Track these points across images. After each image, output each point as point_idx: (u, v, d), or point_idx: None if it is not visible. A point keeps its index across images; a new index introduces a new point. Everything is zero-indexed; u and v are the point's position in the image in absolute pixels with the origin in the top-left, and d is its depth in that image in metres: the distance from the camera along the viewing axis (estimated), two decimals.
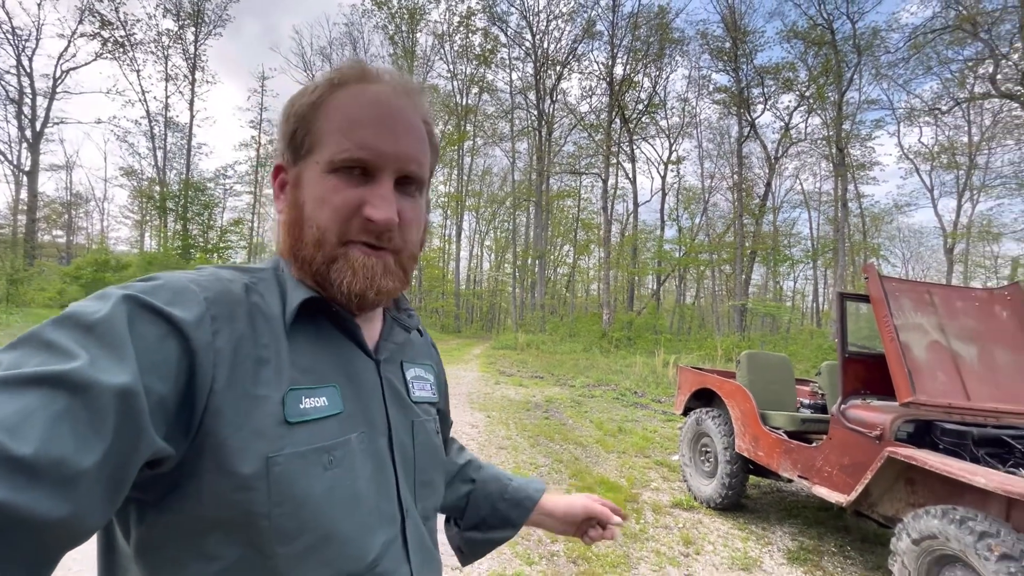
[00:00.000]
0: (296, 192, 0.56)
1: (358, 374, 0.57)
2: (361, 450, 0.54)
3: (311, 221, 0.54)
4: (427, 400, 0.68)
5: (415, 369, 0.68)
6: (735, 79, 23.64)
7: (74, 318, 0.40)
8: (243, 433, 0.45)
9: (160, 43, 27.20)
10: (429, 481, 0.64)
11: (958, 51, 18.38)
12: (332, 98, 0.54)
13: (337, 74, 0.56)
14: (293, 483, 0.47)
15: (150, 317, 0.43)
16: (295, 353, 0.52)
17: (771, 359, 4.24)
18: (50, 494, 0.33)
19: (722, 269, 30.44)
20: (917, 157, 25.64)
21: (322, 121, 0.54)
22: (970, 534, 2.12)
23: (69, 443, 0.34)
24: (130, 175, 31.19)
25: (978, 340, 3.05)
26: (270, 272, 0.57)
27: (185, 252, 24.75)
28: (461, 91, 32.21)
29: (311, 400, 0.51)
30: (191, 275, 0.50)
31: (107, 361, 0.38)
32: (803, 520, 3.98)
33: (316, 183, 0.54)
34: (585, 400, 9.09)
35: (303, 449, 0.48)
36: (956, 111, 22.14)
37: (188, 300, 0.46)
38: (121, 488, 0.38)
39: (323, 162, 0.54)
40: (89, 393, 0.36)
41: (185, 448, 0.44)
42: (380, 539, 0.53)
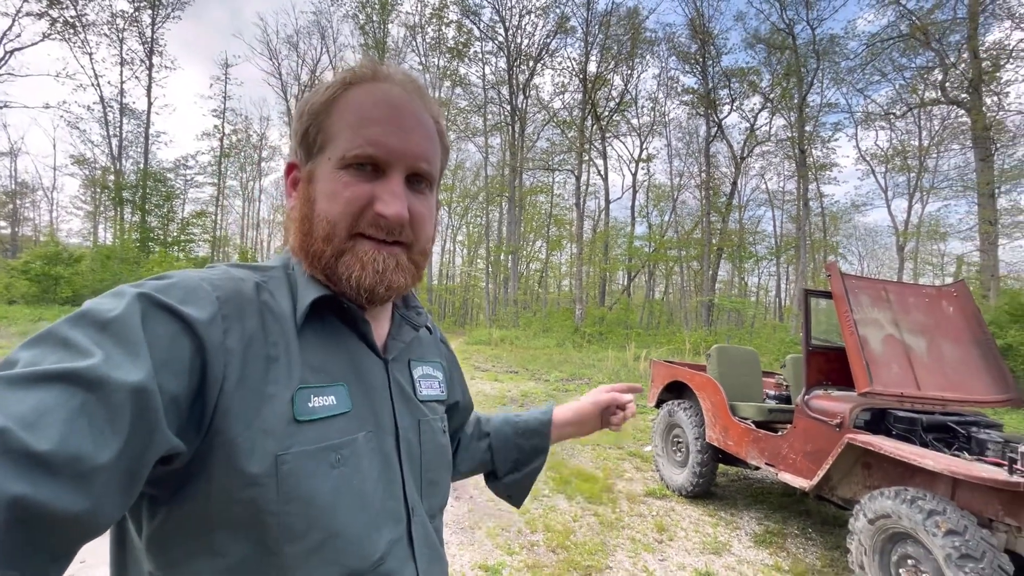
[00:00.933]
0: (308, 188, 0.56)
1: (367, 373, 0.58)
2: (368, 449, 0.55)
3: (322, 215, 0.55)
4: (435, 399, 0.68)
5: (423, 367, 0.69)
6: (702, 81, 24.23)
7: (89, 316, 0.41)
8: (252, 431, 0.46)
9: (115, 25, 25.86)
10: (435, 480, 0.65)
11: (911, 59, 19.35)
12: (344, 96, 0.55)
13: (350, 73, 0.57)
14: (301, 482, 0.47)
15: (163, 315, 0.43)
16: (305, 351, 0.53)
17: (740, 353, 4.43)
18: (68, 489, 0.34)
19: (690, 265, 31.24)
20: (873, 159, 26.89)
21: (334, 119, 0.55)
22: (920, 512, 2.30)
23: (87, 439, 0.35)
24: (82, 163, 29.57)
25: (928, 333, 3.28)
26: (280, 270, 0.57)
27: (144, 245, 23.72)
28: (434, 84, 31.86)
29: (320, 399, 0.51)
30: (203, 273, 0.50)
31: (122, 358, 0.39)
32: (768, 505, 4.19)
33: (328, 179, 0.55)
34: (559, 394, 9.23)
35: (311, 448, 0.49)
36: (908, 116, 23.30)
37: (200, 299, 0.47)
38: (136, 483, 0.39)
39: (335, 158, 0.54)
40: (105, 390, 0.37)
41: (196, 445, 0.44)
42: (386, 537, 0.54)
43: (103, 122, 26.94)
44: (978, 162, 15.68)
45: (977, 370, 3.17)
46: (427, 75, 31.18)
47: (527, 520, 3.62)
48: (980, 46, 15.45)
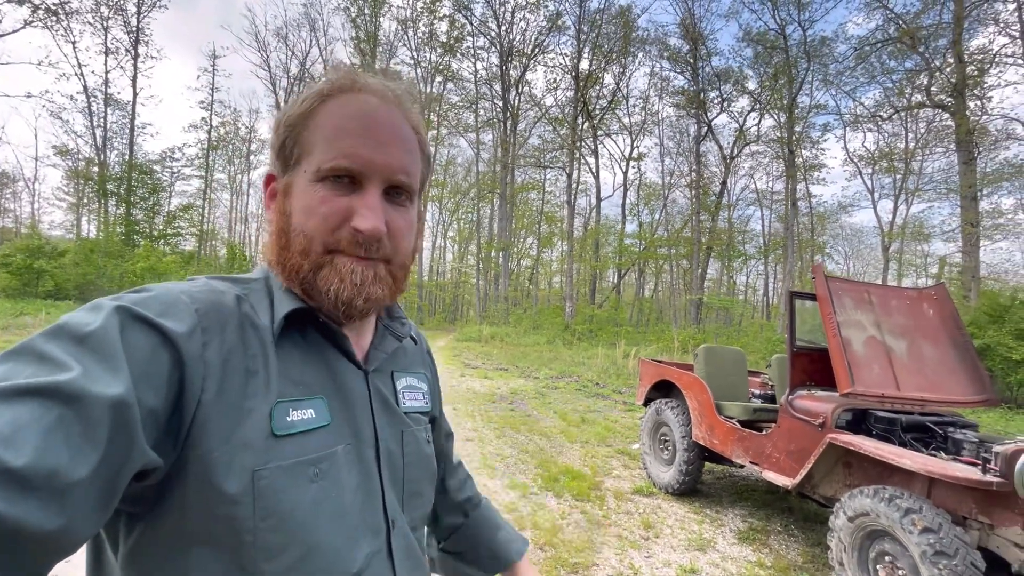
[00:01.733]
0: (285, 201, 0.55)
1: (346, 385, 0.57)
2: (347, 462, 0.54)
3: (298, 230, 0.54)
4: (418, 410, 0.68)
5: (406, 378, 0.68)
6: (693, 81, 24.37)
7: (67, 329, 0.40)
8: (230, 446, 0.45)
9: (99, 13, 25.34)
10: (418, 491, 0.64)
11: (898, 62, 19.61)
12: (322, 108, 0.54)
13: (327, 84, 0.55)
14: (279, 497, 0.47)
15: (142, 328, 0.43)
16: (284, 364, 0.52)
17: (727, 353, 4.49)
18: (43, 505, 0.33)
19: (680, 264, 31.51)
20: (860, 161, 27.26)
21: (311, 131, 0.54)
22: (897, 511, 2.37)
23: (63, 454, 0.34)
24: (64, 154, 28.99)
25: (908, 335, 3.35)
26: (261, 282, 0.57)
27: (129, 239, 23.33)
28: (425, 79, 31.69)
29: (298, 412, 0.51)
30: (183, 286, 0.50)
31: (100, 372, 0.38)
32: (752, 503, 4.26)
33: (304, 192, 0.54)
34: (549, 392, 9.28)
35: (289, 462, 0.48)
36: (895, 119, 23.65)
37: (179, 312, 0.46)
38: (112, 499, 0.39)
39: (310, 171, 0.53)
40: (83, 404, 0.36)
41: (173, 460, 0.44)
42: (364, 550, 0.53)
43: (87, 112, 26.45)
44: (961, 165, 15.98)
45: (955, 371, 3.25)
46: (418, 70, 31.02)
47: (515, 518, 3.65)
48: (965, 51, 15.72)
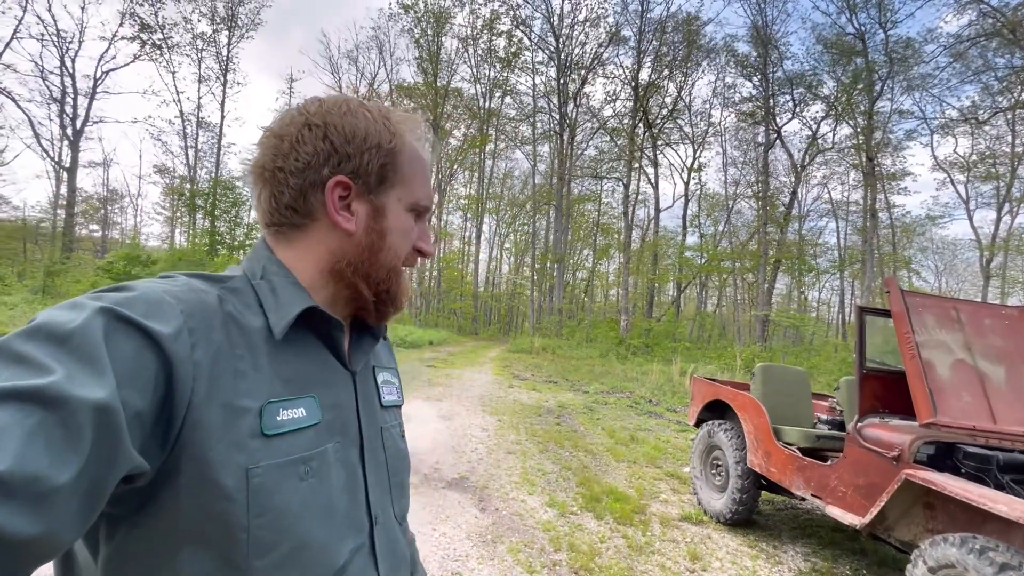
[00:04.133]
0: (381, 220, 0.62)
1: (335, 384, 0.60)
2: (336, 460, 0.56)
3: (393, 249, 0.63)
4: (394, 404, 0.72)
5: (384, 373, 0.72)
6: (763, 87, 23.24)
7: (46, 329, 0.39)
8: (222, 446, 0.46)
9: (195, 46, 28.10)
10: (401, 483, 0.68)
11: (1000, 58, 17.71)
12: (408, 144, 0.63)
13: (409, 123, 0.65)
14: (272, 494, 0.48)
15: (126, 330, 0.42)
16: (276, 363, 0.53)
17: (788, 372, 4.13)
18: (23, 511, 0.33)
19: (744, 278, 29.88)
20: (952, 167, 24.77)
21: (406, 165, 0.63)
22: (990, 565, 2.02)
23: (43, 459, 0.34)
24: (163, 173, 32.24)
25: (1007, 360, 2.91)
26: (242, 281, 0.57)
27: (212, 249, 25.41)
28: (484, 94, 32.40)
29: (289, 411, 0.52)
30: (164, 285, 0.49)
31: (84, 375, 0.38)
32: (817, 540, 3.85)
33: (399, 217, 0.63)
34: (598, 407, 9.00)
35: (281, 461, 0.49)
36: (999, 120, 21.31)
37: (165, 312, 0.45)
38: (96, 504, 0.38)
39: (407, 202, 0.64)
40: (65, 408, 0.36)
41: (161, 462, 0.43)
42: (349, 546, 0.55)
43: (182, 134, 29.31)
44: None
45: None
46: (478, 86, 31.76)
47: (551, 538, 3.51)
48: None
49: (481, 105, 32.39)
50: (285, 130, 0.59)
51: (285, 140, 0.59)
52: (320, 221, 0.59)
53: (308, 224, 0.60)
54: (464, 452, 5.35)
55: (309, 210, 0.59)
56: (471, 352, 18.96)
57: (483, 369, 13.62)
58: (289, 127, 0.59)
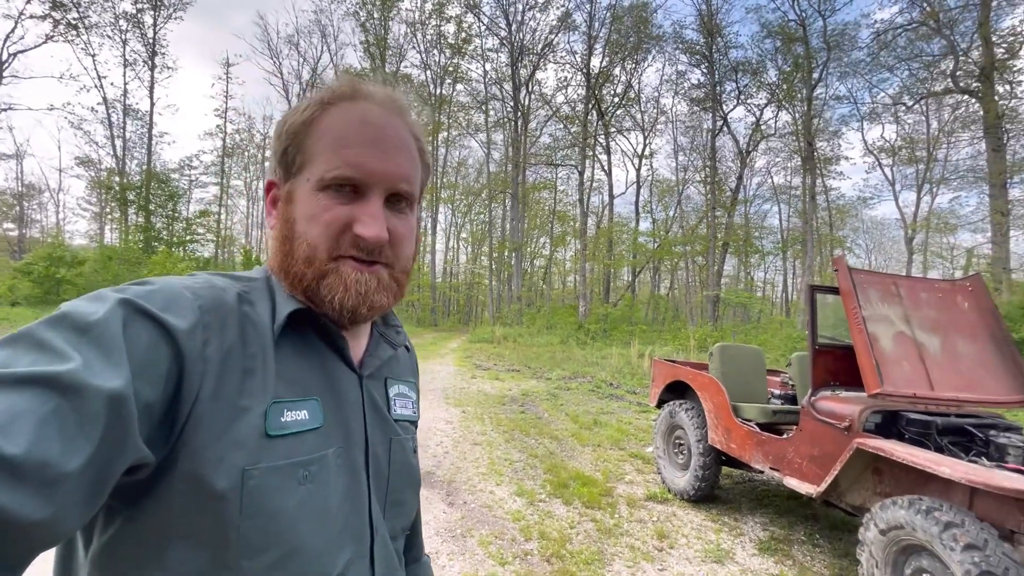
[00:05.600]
0: (288, 208, 0.56)
1: (341, 388, 0.58)
2: (337, 465, 0.54)
3: (302, 238, 0.55)
4: (408, 418, 0.68)
5: (399, 386, 0.68)
6: (709, 75, 23.91)
7: (69, 319, 0.40)
8: (222, 444, 0.45)
9: (117, 26, 25.90)
10: (401, 500, 0.64)
11: (922, 47, 18.95)
12: (323, 116, 0.55)
13: (328, 92, 0.56)
14: (266, 497, 0.47)
15: (144, 322, 0.43)
16: (281, 364, 0.52)
17: (743, 351, 4.27)
18: (33, 495, 0.33)
19: (695, 260, 30.96)
20: (880, 152, 26.47)
21: (313, 139, 0.55)
22: (935, 524, 2.14)
23: (55, 445, 0.34)
24: (87, 165, 29.72)
25: (941, 330, 3.10)
26: (262, 282, 0.57)
27: (148, 245, 23.75)
28: (435, 81, 31.70)
29: (292, 413, 0.51)
30: (186, 281, 0.50)
31: (100, 365, 0.38)
32: (774, 510, 4.03)
33: (307, 200, 0.55)
34: (561, 393, 9.09)
35: (280, 463, 0.48)
36: (917, 107, 22.89)
37: (182, 307, 0.46)
38: (101, 493, 0.38)
39: (313, 179, 0.54)
40: (80, 396, 0.36)
41: (163, 455, 0.43)
42: (346, 555, 0.53)
43: (107, 123, 27.05)
44: (990, 152, 15.35)
45: (994, 369, 3.00)
46: (428, 72, 31.05)
47: (521, 527, 3.49)
48: (993, 32, 15.09)
49: (432, 92, 31.69)
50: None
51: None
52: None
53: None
54: (429, 446, 5.26)
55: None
56: (431, 344, 18.74)
57: (444, 360, 13.48)
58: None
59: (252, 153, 37.90)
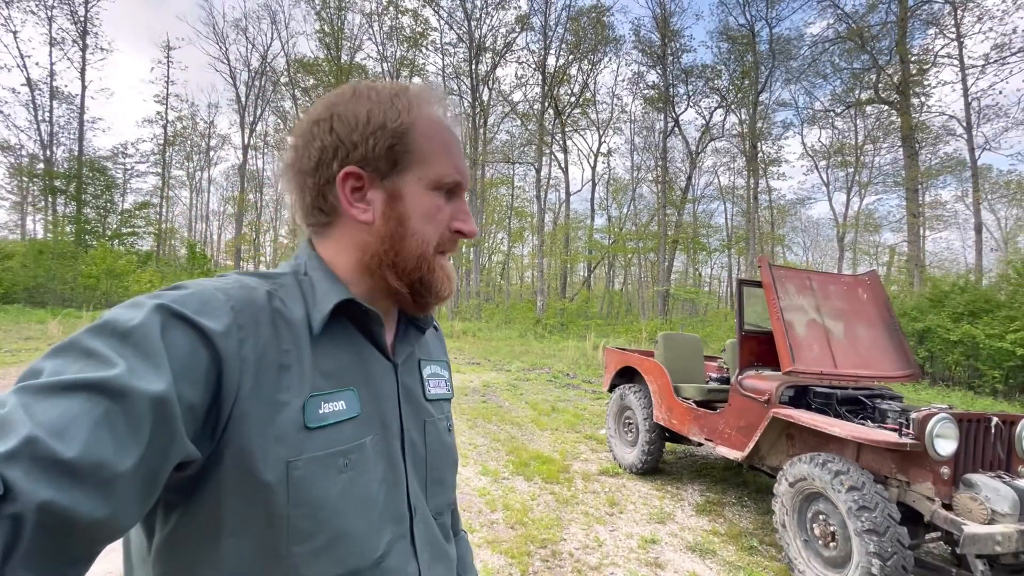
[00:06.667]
0: (397, 205, 0.59)
1: (376, 377, 0.60)
2: (375, 452, 0.57)
3: (418, 235, 0.59)
4: (442, 397, 0.71)
5: (432, 366, 0.71)
6: (662, 77, 24.93)
7: (110, 326, 0.42)
8: (265, 439, 0.47)
9: (42, 1, 24.00)
10: (440, 479, 0.67)
11: (848, 61, 20.55)
12: (421, 118, 0.59)
13: (423, 95, 0.61)
14: (311, 486, 0.49)
15: (181, 326, 0.45)
16: (317, 356, 0.54)
17: (685, 339, 4.76)
18: (91, 495, 0.35)
19: (647, 257, 32.22)
20: (816, 155, 28.45)
21: (420, 141, 0.59)
22: (828, 473, 2.63)
23: (108, 447, 0.36)
24: (5, 150, 27.39)
25: (845, 318, 3.66)
26: (290, 277, 0.58)
27: (80, 239, 22.28)
28: (391, 73, 31.26)
29: (330, 404, 0.53)
30: (217, 283, 0.52)
31: (144, 369, 0.40)
32: (711, 478, 4.55)
33: (420, 199, 0.59)
34: (520, 383, 9.47)
35: (321, 453, 0.51)
36: (847, 115, 24.77)
37: (216, 309, 0.48)
38: (153, 490, 0.41)
39: (427, 180, 0.59)
40: (128, 400, 0.38)
41: (209, 452, 0.46)
42: (387, 537, 0.56)
43: (30, 106, 25.03)
44: (906, 159, 16.93)
45: (885, 349, 3.58)
46: (384, 64, 30.57)
47: (487, 501, 3.81)
48: (909, 51, 16.63)
49: None
50: (298, 130, 0.60)
51: (300, 141, 0.59)
52: (343, 216, 0.60)
53: (334, 221, 0.60)
54: None
55: (332, 207, 0.59)
56: None
57: None
58: (301, 126, 0.60)
59: (195, 142, 36.09)
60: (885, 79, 18.10)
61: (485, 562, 2.93)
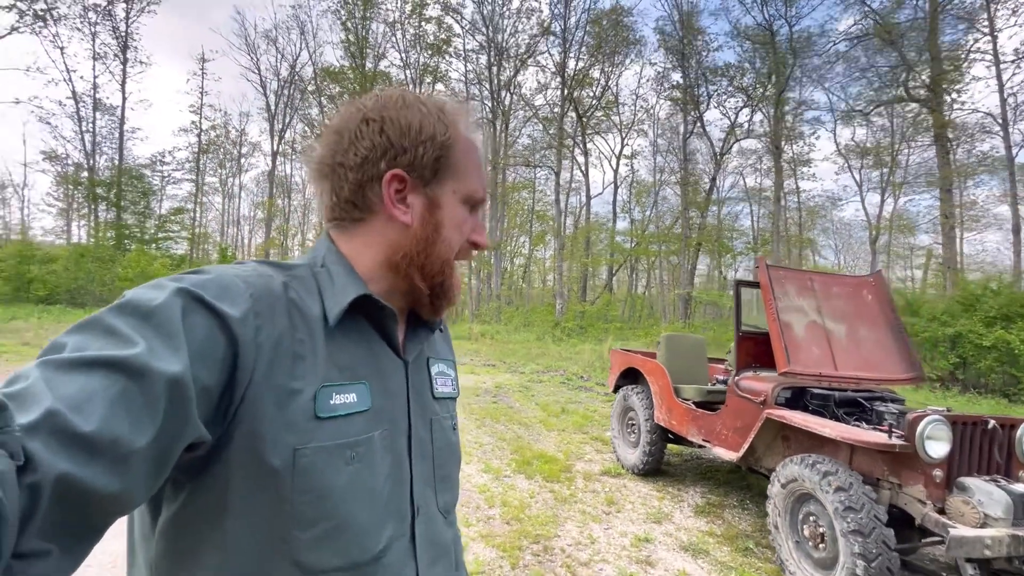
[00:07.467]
0: (435, 212, 0.62)
1: (387, 373, 0.61)
2: (383, 447, 0.58)
3: (448, 241, 0.63)
4: (448, 395, 0.72)
5: (439, 364, 0.72)
6: (685, 76, 24.67)
7: (132, 305, 0.43)
8: (275, 425, 0.49)
9: (87, 18, 25.36)
10: (447, 476, 0.68)
11: (876, 58, 19.95)
12: (461, 135, 0.64)
13: (462, 114, 0.65)
14: (317, 475, 0.50)
15: (201, 310, 0.46)
16: (331, 349, 0.55)
17: (687, 340, 4.74)
18: (106, 470, 0.36)
19: (670, 260, 31.81)
20: (851, 154, 27.61)
21: (460, 156, 0.63)
22: (817, 474, 2.61)
23: (124, 424, 0.37)
24: (53, 160, 28.91)
25: (847, 319, 3.61)
26: (306, 269, 0.60)
27: (119, 243, 23.37)
28: (414, 80, 31.80)
29: (341, 396, 0.54)
30: (237, 270, 0.53)
31: (162, 350, 0.41)
32: (714, 481, 4.51)
33: (454, 209, 0.63)
34: (533, 385, 9.52)
35: (329, 444, 0.52)
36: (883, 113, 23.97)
37: (235, 295, 0.49)
38: (164, 469, 0.42)
39: (461, 193, 0.64)
40: (146, 379, 0.39)
41: (220, 434, 0.47)
42: (388, 533, 0.57)
43: (76, 118, 26.42)
44: (939, 158, 16.34)
45: (889, 351, 3.51)
46: (407, 71, 31.15)
47: (486, 497, 3.88)
48: (940, 47, 16.06)
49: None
50: (344, 126, 0.61)
51: (344, 136, 0.60)
52: (378, 214, 0.61)
53: (367, 217, 0.62)
54: None
55: (367, 204, 0.61)
56: None
57: None
58: (348, 123, 0.61)
59: (228, 150, 37.41)
60: (915, 77, 17.50)
61: (477, 555, 3.00)
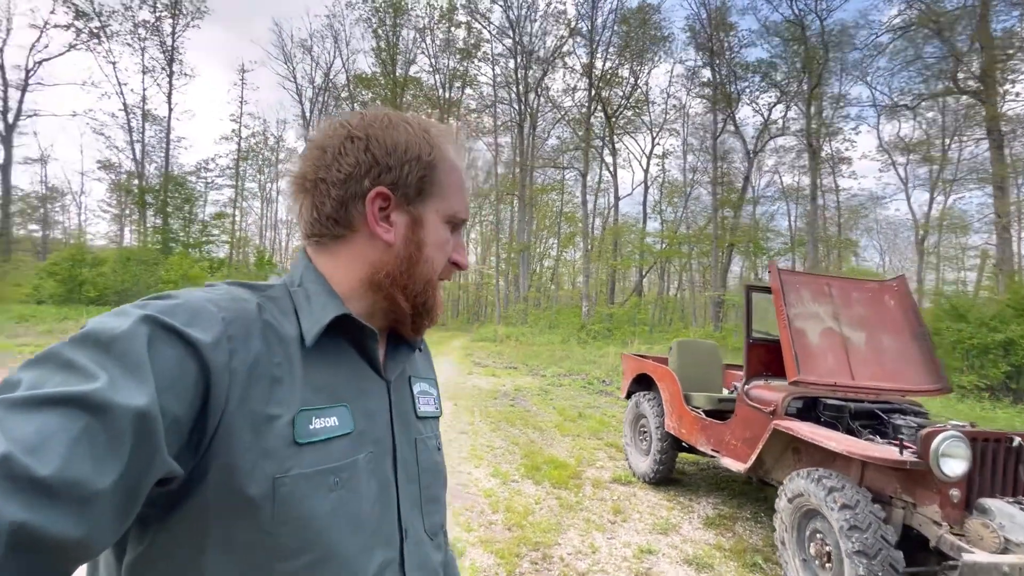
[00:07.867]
0: (417, 231, 0.62)
1: (369, 394, 0.59)
2: (368, 471, 0.55)
3: (430, 261, 0.62)
4: (431, 415, 0.71)
5: (421, 384, 0.71)
6: (716, 73, 24.10)
7: (92, 337, 0.41)
8: (252, 454, 0.46)
9: (137, 35, 26.84)
10: (435, 497, 0.67)
11: (921, 48, 18.94)
12: (445, 154, 0.63)
13: (444, 137, 0.65)
14: (298, 504, 0.48)
15: (169, 338, 0.43)
16: (308, 370, 0.53)
17: (700, 346, 4.61)
18: (66, 514, 0.34)
19: (702, 261, 31.03)
20: (895, 150, 26.29)
21: (444, 176, 0.63)
22: (823, 490, 2.49)
23: (87, 465, 0.35)
24: (107, 168, 30.75)
25: (867, 326, 3.43)
26: (281, 289, 0.58)
27: (165, 246, 24.60)
28: (444, 85, 32.21)
29: (322, 420, 0.52)
30: (207, 293, 0.50)
31: (126, 382, 0.39)
32: (728, 493, 4.37)
33: (436, 229, 0.63)
34: (553, 388, 9.46)
35: (310, 471, 0.49)
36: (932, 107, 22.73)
37: (206, 321, 0.46)
38: (132, 508, 0.39)
39: (443, 213, 0.63)
40: (108, 415, 0.37)
41: (193, 466, 0.44)
42: (377, 560, 0.54)
43: (126, 128, 28.02)
44: (992, 152, 15.37)
45: (912, 361, 3.32)
46: (437, 76, 31.58)
47: (491, 502, 3.88)
48: (993, 34, 15.11)
49: (441, 95, 32.22)
50: (327, 142, 0.60)
51: (328, 151, 0.59)
52: (360, 232, 0.60)
53: (348, 235, 0.60)
54: None
55: (349, 221, 0.59)
56: (436, 343, 19.16)
57: (447, 358, 13.92)
58: (332, 139, 0.60)
59: (266, 156, 38.83)
60: (964, 68, 16.52)
61: (474, 560, 3.00)
